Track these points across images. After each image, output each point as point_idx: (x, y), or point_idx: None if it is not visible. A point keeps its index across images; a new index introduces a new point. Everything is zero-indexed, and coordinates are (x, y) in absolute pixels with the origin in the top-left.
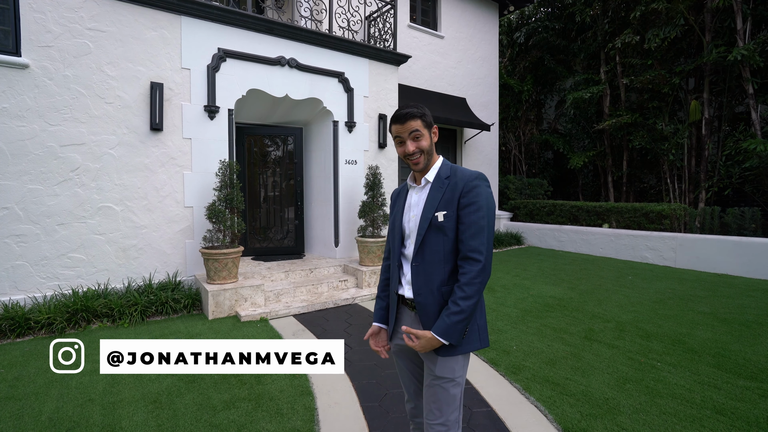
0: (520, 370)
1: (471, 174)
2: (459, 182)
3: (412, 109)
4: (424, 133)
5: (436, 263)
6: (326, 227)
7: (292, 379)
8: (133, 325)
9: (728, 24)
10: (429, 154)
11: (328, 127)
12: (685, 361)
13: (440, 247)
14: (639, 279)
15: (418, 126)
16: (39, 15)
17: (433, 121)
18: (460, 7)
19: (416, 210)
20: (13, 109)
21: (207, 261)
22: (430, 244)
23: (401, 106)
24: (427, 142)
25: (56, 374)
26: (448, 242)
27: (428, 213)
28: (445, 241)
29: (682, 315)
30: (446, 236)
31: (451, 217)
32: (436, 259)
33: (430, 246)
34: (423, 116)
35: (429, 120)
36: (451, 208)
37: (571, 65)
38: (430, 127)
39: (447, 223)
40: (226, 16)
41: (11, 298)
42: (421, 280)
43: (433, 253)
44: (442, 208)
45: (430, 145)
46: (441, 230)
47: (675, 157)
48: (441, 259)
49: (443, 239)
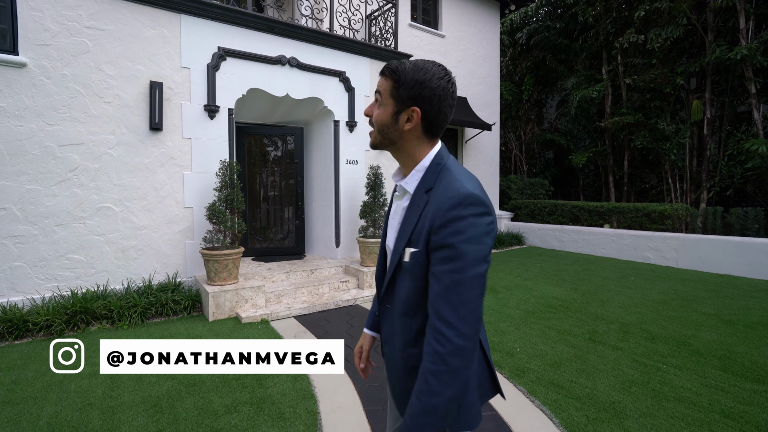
0: (525, 372)
1: (453, 195)
2: (432, 205)
3: (395, 63)
4: (385, 101)
5: (399, 315)
6: (327, 227)
7: (293, 382)
8: (132, 326)
9: (731, 23)
10: (385, 136)
11: (329, 126)
12: (691, 364)
13: (404, 295)
14: (641, 279)
15: (381, 87)
16: (37, 13)
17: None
18: (461, 6)
19: (391, 229)
20: (11, 108)
21: (207, 262)
22: (398, 288)
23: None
24: (382, 116)
25: (55, 377)
26: (415, 292)
27: (399, 244)
28: (410, 290)
29: (686, 316)
30: (413, 283)
31: (418, 258)
32: (400, 309)
33: (397, 289)
34: (396, 80)
35: (403, 93)
36: (420, 244)
37: (573, 65)
38: (400, 102)
39: (413, 267)
40: (226, 15)
41: (9, 299)
42: (386, 328)
43: (399, 300)
44: (413, 243)
45: (386, 124)
46: (407, 273)
47: (677, 157)
48: (404, 311)
49: (409, 286)
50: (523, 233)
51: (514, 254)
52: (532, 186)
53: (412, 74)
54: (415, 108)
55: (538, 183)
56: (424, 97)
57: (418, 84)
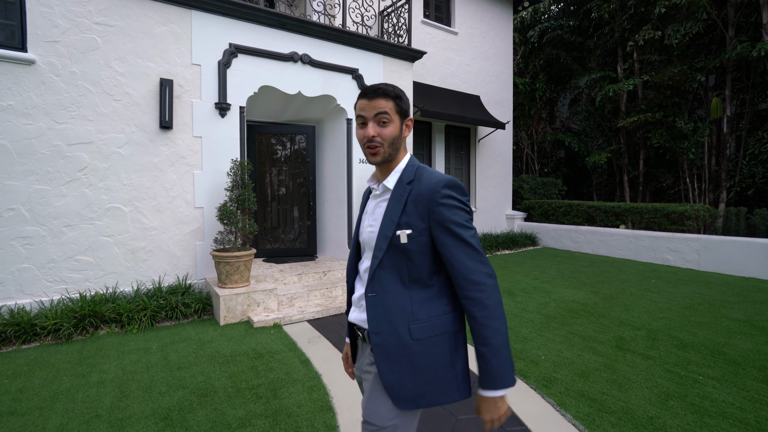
0: (552, 383)
1: (439, 180)
2: (424, 192)
3: (386, 86)
4: (393, 119)
5: (400, 294)
6: (339, 228)
7: (310, 392)
8: (142, 330)
9: (753, 18)
10: (393, 147)
11: (341, 125)
12: (729, 375)
13: (404, 275)
14: (663, 282)
15: (387, 108)
16: (46, 9)
17: (410, 110)
18: (474, 3)
19: (371, 221)
20: (19, 106)
21: (218, 264)
22: (391, 270)
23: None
24: (394, 131)
25: (62, 385)
26: (414, 268)
27: (387, 230)
28: (410, 267)
29: (715, 322)
30: (411, 261)
31: (417, 238)
32: (399, 288)
33: (390, 272)
34: (398, 98)
35: (404, 107)
36: (417, 226)
37: (586, 62)
38: (403, 116)
39: (412, 245)
40: (237, 11)
41: (17, 302)
42: (380, 315)
43: (395, 281)
44: (404, 225)
45: (396, 137)
46: (404, 254)
47: (695, 155)
48: (405, 288)
49: (407, 264)
50: (537, 234)
51: (529, 255)
52: (544, 185)
53: (400, 92)
54: (411, 117)
55: (550, 182)
56: (408, 106)
57: (407, 99)
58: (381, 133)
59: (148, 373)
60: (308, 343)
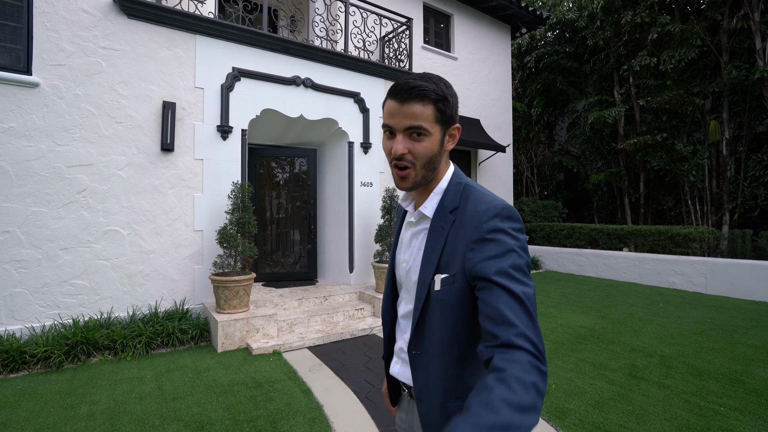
0: (565, 414)
1: (489, 207)
2: (467, 223)
3: (426, 82)
4: (431, 130)
5: (436, 359)
6: (340, 252)
7: (311, 425)
8: (136, 358)
9: (747, 44)
10: (430, 167)
11: (343, 148)
12: (752, 406)
13: (438, 333)
14: (671, 307)
15: (423, 116)
16: (53, 33)
17: (456, 114)
18: (473, 28)
19: (407, 255)
20: (21, 128)
21: (217, 289)
22: (430, 326)
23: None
24: (432, 147)
25: (49, 419)
26: (449, 324)
27: (426, 275)
28: (446, 324)
29: (730, 348)
30: (448, 315)
31: (452, 283)
32: (436, 351)
33: (430, 328)
34: (440, 101)
35: (449, 111)
36: (454, 267)
37: (583, 87)
38: (446, 124)
39: (445, 294)
40: (241, 35)
41: (7, 328)
42: (422, 380)
43: (434, 342)
44: (443, 268)
45: (435, 155)
46: (438, 305)
47: (695, 178)
48: (440, 351)
49: (445, 320)
50: (540, 257)
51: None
52: (545, 208)
53: (447, 89)
54: (457, 125)
55: (551, 205)
56: (457, 109)
57: (454, 97)
58: (414, 150)
59: (142, 404)
60: (309, 372)
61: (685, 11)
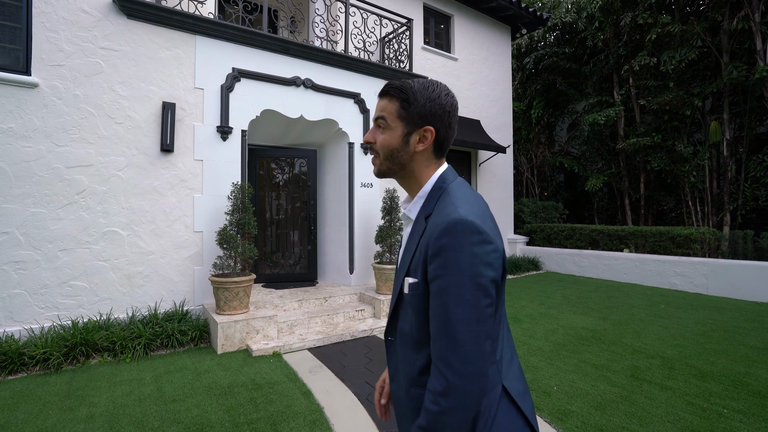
0: (567, 416)
1: (442, 221)
2: (430, 234)
3: (393, 82)
4: (392, 124)
5: (402, 349)
6: (340, 253)
7: (311, 427)
8: (135, 360)
9: (747, 45)
10: (393, 161)
11: (343, 149)
12: (756, 408)
13: (406, 328)
14: (672, 308)
15: (387, 110)
16: (52, 34)
17: (430, 117)
18: (473, 29)
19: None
20: (20, 129)
21: (217, 290)
22: (400, 320)
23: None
24: (390, 141)
25: (47, 421)
26: (417, 325)
27: (399, 275)
28: (411, 323)
29: (732, 350)
30: (414, 315)
31: (417, 289)
32: (402, 342)
33: (400, 322)
34: (403, 99)
35: (414, 111)
36: (419, 274)
37: (583, 88)
38: (412, 123)
39: (413, 298)
40: (241, 36)
41: (5, 330)
42: (392, 363)
43: (401, 334)
44: (412, 272)
45: (393, 149)
46: (407, 305)
47: (696, 179)
48: (406, 344)
49: (410, 319)
50: (540, 258)
51: (533, 280)
52: (545, 209)
53: (421, 92)
54: (428, 127)
55: (551, 206)
56: (436, 114)
57: (430, 101)
58: (377, 140)
59: (141, 406)
60: (309, 373)
61: (685, 12)
